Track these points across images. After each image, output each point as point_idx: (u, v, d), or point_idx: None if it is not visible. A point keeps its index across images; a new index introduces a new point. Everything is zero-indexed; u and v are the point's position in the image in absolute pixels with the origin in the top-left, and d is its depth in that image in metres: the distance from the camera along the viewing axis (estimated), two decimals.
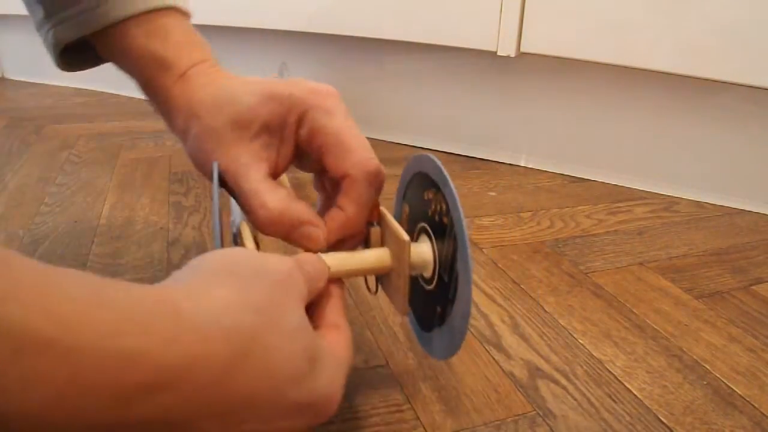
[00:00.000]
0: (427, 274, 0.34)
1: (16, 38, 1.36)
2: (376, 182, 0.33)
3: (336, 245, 0.35)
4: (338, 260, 0.33)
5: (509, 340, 0.46)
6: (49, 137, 0.95)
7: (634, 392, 0.40)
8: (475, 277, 0.55)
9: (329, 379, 0.26)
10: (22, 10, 0.39)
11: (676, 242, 0.63)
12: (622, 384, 0.41)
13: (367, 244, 0.36)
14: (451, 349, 0.33)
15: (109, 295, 0.19)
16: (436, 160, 0.33)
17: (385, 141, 0.96)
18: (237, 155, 0.33)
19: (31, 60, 1.37)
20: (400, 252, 0.33)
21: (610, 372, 0.42)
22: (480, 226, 0.66)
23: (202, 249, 0.58)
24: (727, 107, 0.72)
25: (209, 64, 0.37)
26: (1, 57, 1.42)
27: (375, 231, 0.36)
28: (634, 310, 0.50)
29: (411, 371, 0.42)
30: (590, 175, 0.82)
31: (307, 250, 0.34)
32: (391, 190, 0.38)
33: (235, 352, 0.22)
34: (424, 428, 0.37)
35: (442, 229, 0.33)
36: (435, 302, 0.34)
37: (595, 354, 0.44)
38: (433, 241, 0.34)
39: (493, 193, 0.76)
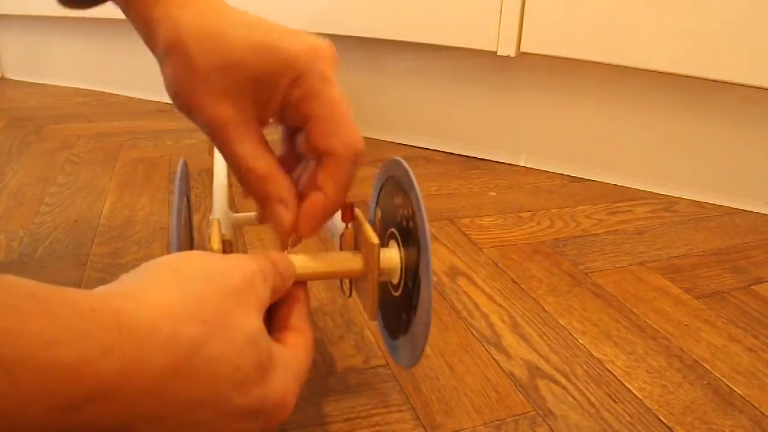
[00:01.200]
0: (395, 280, 0.34)
1: (16, 38, 1.36)
2: (360, 162, 0.31)
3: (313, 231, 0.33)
4: (307, 261, 0.32)
5: (509, 340, 0.46)
6: (49, 137, 0.95)
7: (634, 392, 0.40)
8: (475, 277, 0.55)
9: (281, 386, 0.26)
10: (22, 10, 0.39)
11: (676, 242, 0.63)
12: (622, 384, 0.41)
13: (340, 246, 0.36)
14: (414, 356, 0.32)
15: (47, 303, 0.19)
16: (404, 163, 0.32)
17: (385, 141, 0.96)
18: (226, 110, 0.31)
19: (31, 60, 1.37)
20: (370, 256, 0.32)
21: (610, 372, 0.42)
22: (480, 226, 0.66)
23: (201, 249, 0.58)
24: (727, 107, 0.72)
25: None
26: (1, 57, 1.42)
27: (349, 233, 0.35)
28: (634, 310, 0.50)
29: (411, 371, 0.42)
30: (590, 175, 0.82)
31: (276, 229, 0.32)
32: None
33: (174, 362, 0.21)
34: (424, 428, 0.37)
35: (409, 234, 0.32)
36: (401, 309, 0.33)
37: (595, 354, 0.44)
38: (401, 246, 0.33)
39: (493, 193, 0.76)
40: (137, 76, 1.21)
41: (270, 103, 0.31)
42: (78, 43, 1.28)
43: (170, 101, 0.34)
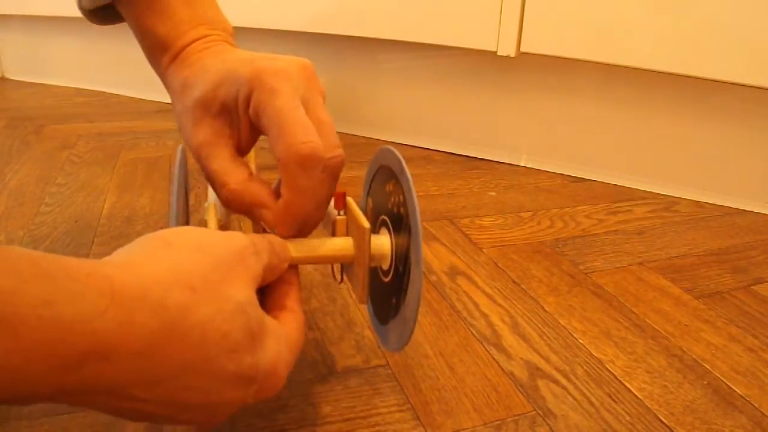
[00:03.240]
0: (385, 265, 0.35)
1: (16, 38, 1.36)
2: (310, 166, 0.31)
3: (295, 232, 0.34)
4: (298, 246, 0.34)
5: (509, 340, 0.46)
6: (49, 137, 0.95)
7: (634, 392, 0.40)
8: (475, 277, 0.55)
9: (272, 355, 0.27)
10: (22, 10, 0.40)
11: (676, 242, 0.63)
12: (622, 384, 0.41)
13: (333, 233, 0.37)
14: (403, 337, 0.33)
15: (46, 268, 0.20)
16: (395, 151, 0.33)
17: (385, 141, 0.96)
18: (203, 135, 0.34)
19: (31, 60, 1.37)
20: (360, 240, 0.33)
21: (610, 372, 0.42)
22: (480, 226, 0.66)
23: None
24: (727, 107, 0.72)
25: (205, 40, 0.38)
26: (1, 57, 1.42)
27: (341, 220, 0.36)
28: (634, 310, 0.50)
29: (411, 371, 0.42)
30: (590, 175, 0.82)
31: (266, 228, 0.34)
32: None
33: (164, 325, 0.22)
34: (424, 428, 0.37)
35: (400, 219, 0.33)
36: (391, 294, 0.34)
37: (595, 354, 0.44)
38: (392, 233, 0.34)
39: (493, 193, 0.76)
40: (137, 76, 1.21)
41: (242, 124, 0.34)
42: (78, 43, 1.28)
43: (170, 101, 0.37)
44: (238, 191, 0.33)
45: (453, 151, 0.91)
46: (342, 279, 0.39)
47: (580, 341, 0.46)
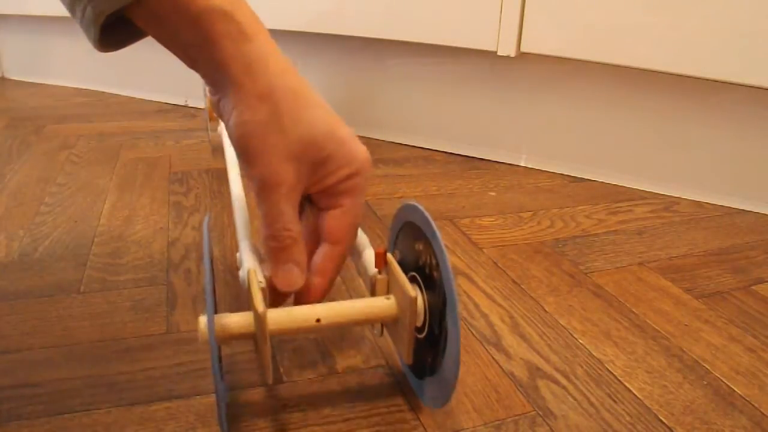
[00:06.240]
0: (419, 323, 0.35)
1: (16, 38, 1.36)
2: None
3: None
4: (340, 310, 0.35)
5: (509, 340, 0.46)
6: (49, 137, 0.95)
7: (634, 392, 0.40)
8: (475, 277, 0.55)
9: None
10: (22, 10, 0.39)
11: (676, 242, 0.63)
12: (622, 384, 0.41)
13: (373, 292, 0.37)
14: (443, 399, 0.34)
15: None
16: (424, 211, 0.34)
17: (385, 141, 0.96)
18: (287, 171, 0.34)
19: (31, 60, 1.37)
20: (406, 305, 0.34)
21: (610, 372, 0.42)
22: (480, 226, 0.66)
23: (202, 249, 0.58)
24: (727, 107, 0.72)
25: (273, 42, 0.36)
26: (1, 57, 1.42)
27: (381, 279, 0.37)
28: (634, 310, 0.50)
29: None
30: (590, 175, 0.82)
31: (284, 286, 0.36)
32: (386, 191, 0.38)
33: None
34: (424, 428, 0.37)
35: (432, 281, 0.34)
36: (426, 352, 0.35)
37: (595, 354, 0.44)
38: (424, 292, 0.35)
39: (493, 193, 0.76)
40: (137, 76, 1.21)
41: (321, 182, 0.36)
42: (78, 43, 1.27)
43: (172, 101, 0.36)
44: (294, 240, 0.35)
45: (453, 151, 0.91)
46: (382, 333, 0.40)
47: (580, 341, 0.46)
